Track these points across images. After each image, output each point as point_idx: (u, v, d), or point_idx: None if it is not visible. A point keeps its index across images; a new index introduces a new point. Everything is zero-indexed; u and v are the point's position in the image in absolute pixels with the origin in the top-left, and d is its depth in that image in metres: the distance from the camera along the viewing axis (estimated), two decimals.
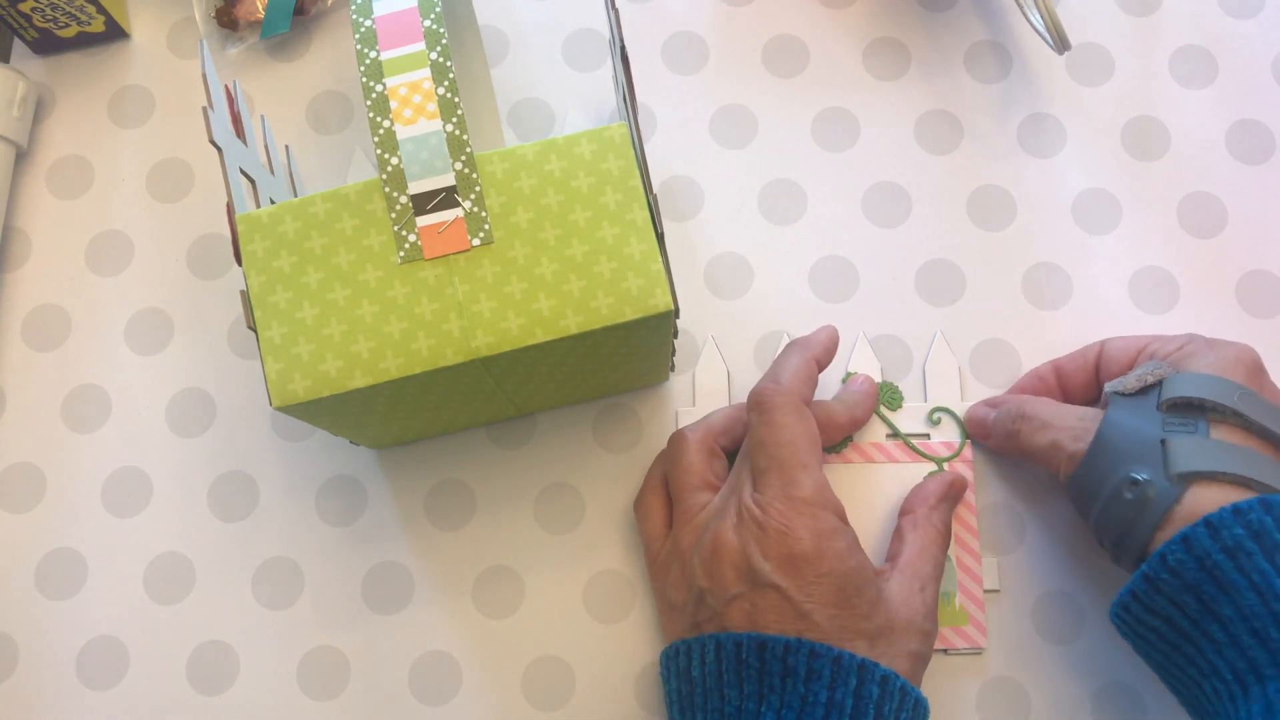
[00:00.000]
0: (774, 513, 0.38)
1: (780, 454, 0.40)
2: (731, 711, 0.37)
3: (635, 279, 0.35)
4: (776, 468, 0.39)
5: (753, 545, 0.38)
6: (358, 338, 0.35)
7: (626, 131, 0.37)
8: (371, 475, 0.47)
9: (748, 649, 0.37)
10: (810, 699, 0.36)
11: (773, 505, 0.39)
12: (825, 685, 0.36)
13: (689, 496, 0.42)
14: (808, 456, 0.40)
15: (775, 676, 0.36)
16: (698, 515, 0.42)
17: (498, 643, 0.45)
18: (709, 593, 0.39)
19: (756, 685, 0.37)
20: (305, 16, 0.52)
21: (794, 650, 0.36)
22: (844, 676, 0.36)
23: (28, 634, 0.46)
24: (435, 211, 0.36)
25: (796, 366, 0.42)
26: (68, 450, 0.48)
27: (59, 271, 0.50)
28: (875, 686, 0.36)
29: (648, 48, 0.53)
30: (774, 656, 0.37)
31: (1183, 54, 0.52)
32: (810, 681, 0.36)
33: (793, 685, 0.36)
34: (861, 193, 0.50)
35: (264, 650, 0.46)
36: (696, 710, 0.39)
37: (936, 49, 0.52)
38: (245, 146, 0.41)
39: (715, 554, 0.39)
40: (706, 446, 0.43)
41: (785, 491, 0.39)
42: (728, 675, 0.38)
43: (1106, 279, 0.49)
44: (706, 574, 0.39)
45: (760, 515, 0.39)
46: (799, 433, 0.40)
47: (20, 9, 0.49)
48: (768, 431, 0.40)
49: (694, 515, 0.42)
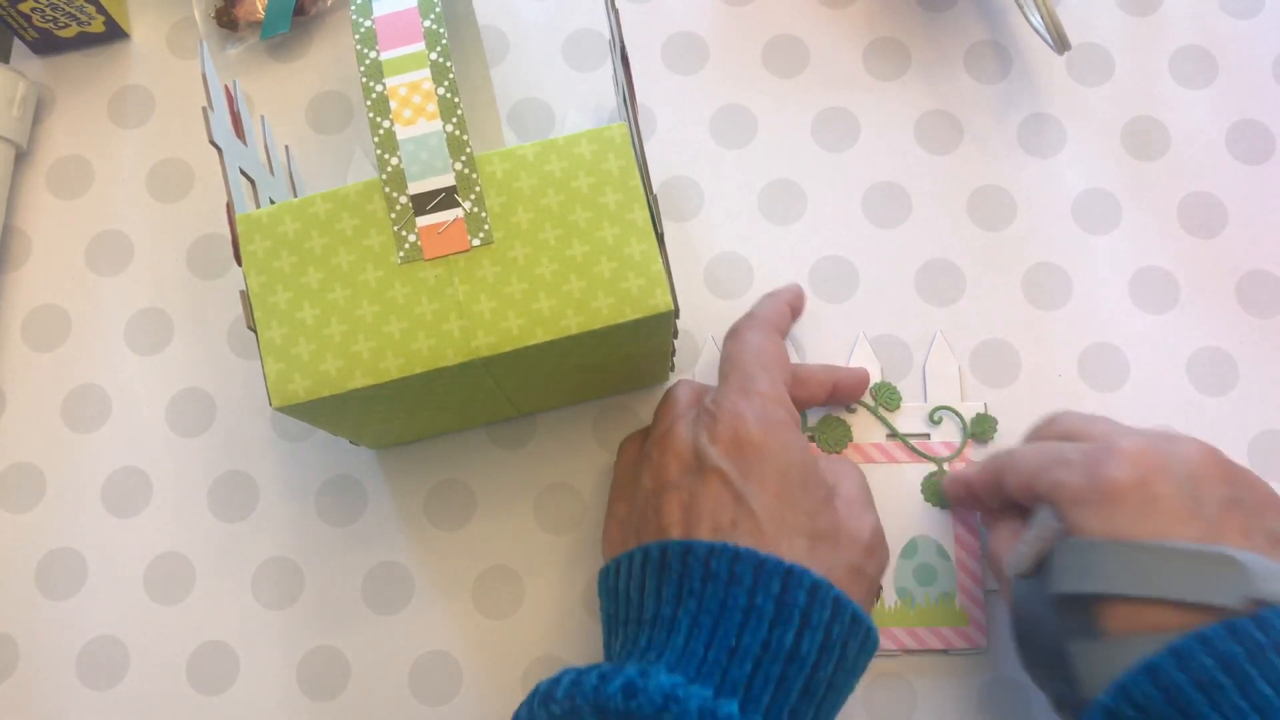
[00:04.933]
0: (728, 404, 0.38)
1: (742, 359, 0.40)
2: (649, 619, 0.36)
3: (635, 279, 0.35)
4: (736, 370, 0.40)
5: (702, 434, 0.38)
6: (358, 338, 0.35)
7: (626, 131, 0.37)
8: (371, 475, 0.47)
9: (672, 553, 0.36)
10: (729, 603, 0.34)
11: (728, 398, 0.39)
12: (745, 590, 0.34)
13: (660, 424, 0.42)
14: (771, 364, 0.40)
15: (696, 580, 0.35)
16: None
17: (498, 643, 0.45)
18: (647, 490, 0.39)
19: (676, 589, 0.35)
20: (305, 16, 0.52)
21: (718, 554, 0.35)
22: (765, 580, 0.34)
23: (28, 634, 0.46)
24: (435, 212, 0.36)
25: (769, 304, 0.44)
26: (68, 450, 0.48)
27: (59, 271, 0.51)
28: (803, 593, 0.34)
29: (648, 48, 0.53)
30: (697, 560, 0.35)
31: (1183, 54, 0.52)
32: (731, 585, 0.34)
33: (713, 589, 0.34)
34: (861, 193, 0.50)
35: (264, 650, 0.46)
36: (619, 625, 0.37)
37: (936, 49, 0.52)
38: (245, 146, 0.41)
39: (663, 447, 0.39)
40: (698, 394, 0.43)
41: (742, 387, 0.39)
42: (649, 582, 0.36)
43: (1106, 279, 0.49)
44: (651, 471, 0.39)
45: (713, 408, 0.39)
46: (764, 345, 0.41)
47: (20, 9, 0.49)
48: (734, 346, 0.41)
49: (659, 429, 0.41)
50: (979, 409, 0.47)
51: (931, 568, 0.45)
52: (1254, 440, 0.47)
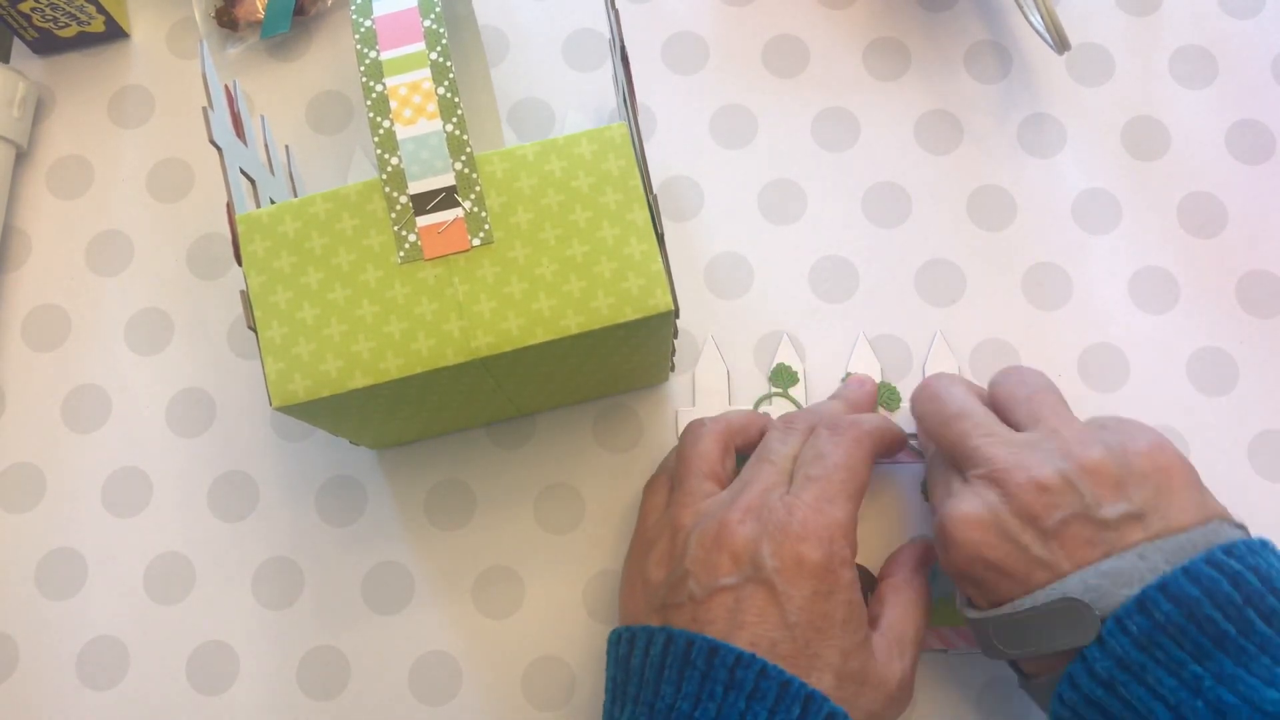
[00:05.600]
0: (800, 516, 0.38)
1: (837, 475, 0.39)
2: (663, 708, 0.36)
3: (635, 279, 0.35)
4: (825, 482, 0.39)
5: (765, 539, 0.37)
6: (358, 338, 0.35)
7: (626, 131, 0.37)
8: (371, 475, 0.47)
9: (699, 650, 0.36)
10: (749, 717, 0.35)
11: (804, 511, 0.38)
12: (767, 707, 0.35)
13: (694, 481, 0.41)
14: (856, 492, 0.39)
15: (719, 685, 0.35)
16: (700, 501, 0.40)
17: (498, 643, 0.45)
18: (693, 576, 0.38)
19: (696, 688, 0.35)
20: (305, 16, 0.52)
21: (745, 664, 0.35)
22: (788, 703, 0.35)
23: (28, 634, 0.46)
24: (435, 211, 0.36)
25: (888, 429, 0.42)
26: (68, 450, 0.48)
27: (59, 271, 0.51)
28: None
29: (648, 48, 0.53)
30: (723, 665, 0.35)
31: (1183, 54, 0.52)
32: (753, 699, 0.35)
33: (734, 699, 0.35)
34: (861, 193, 0.50)
35: (264, 650, 0.46)
36: (628, 701, 0.37)
37: (936, 49, 0.52)
38: (245, 146, 0.41)
39: (718, 539, 0.38)
40: (723, 440, 0.43)
41: (821, 505, 0.38)
42: (669, 671, 0.36)
43: (1106, 279, 0.49)
44: (699, 558, 0.38)
45: (784, 515, 0.38)
46: (861, 468, 0.40)
47: (20, 9, 0.49)
48: (834, 450, 0.40)
49: (696, 499, 0.41)
50: None
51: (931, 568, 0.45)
52: (1254, 440, 0.47)
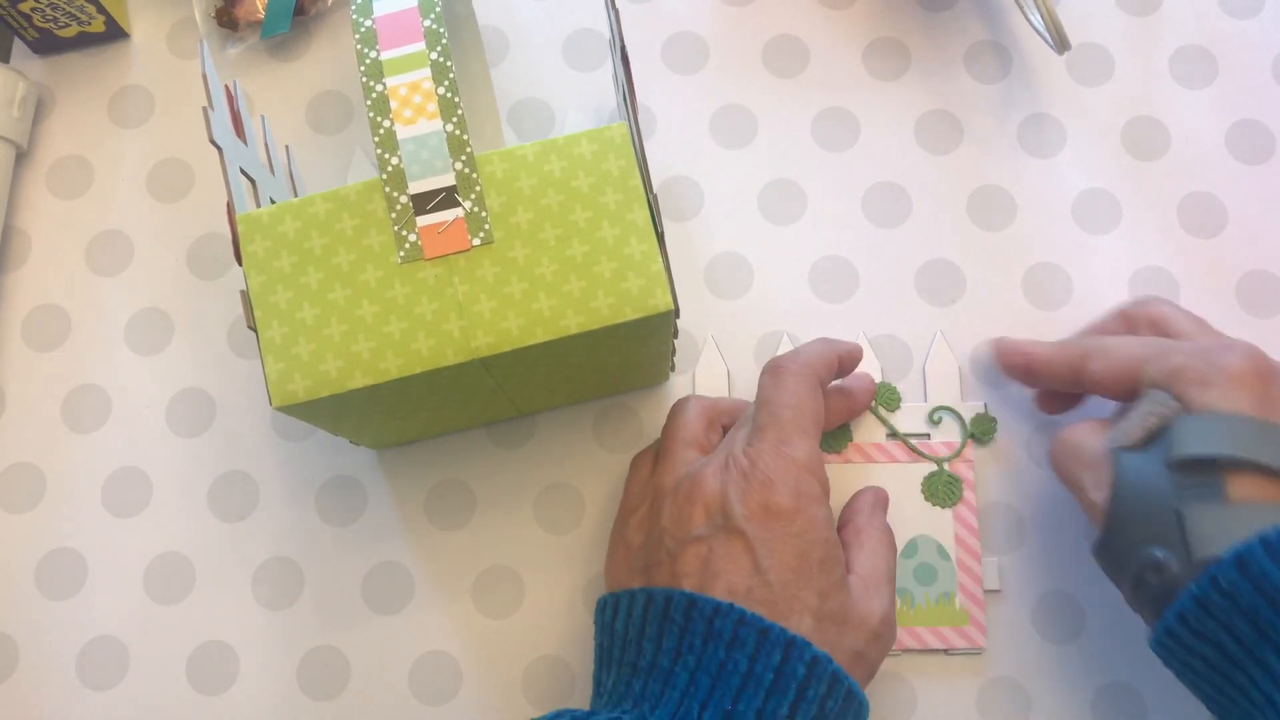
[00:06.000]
0: (762, 464, 0.38)
1: (783, 414, 0.39)
2: (645, 666, 0.36)
3: (635, 279, 0.35)
4: (775, 425, 0.39)
5: (732, 489, 0.38)
6: (358, 338, 0.35)
7: (626, 131, 0.37)
8: (371, 475, 0.47)
9: (676, 605, 0.36)
10: (729, 666, 0.34)
11: (763, 457, 0.38)
12: (747, 655, 0.34)
13: (677, 449, 0.42)
14: (810, 425, 0.40)
15: (698, 637, 0.35)
16: (681, 466, 0.41)
17: (498, 643, 0.45)
18: (669, 533, 0.38)
19: (675, 642, 0.35)
20: (305, 16, 0.52)
21: (723, 614, 0.35)
22: (768, 649, 0.34)
23: (28, 634, 0.46)
24: (435, 211, 0.36)
25: (819, 350, 0.42)
26: (68, 450, 0.48)
27: (59, 271, 0.51)
28: (802, 666, 0.34)
29: (648, 48, 0.53)
30: (701, 616, 0.35)
31: (1183, 54, 0.52)
32: (733, 648, 0.35)
33: (714, 649, 0.35)
34: (861, 193, 0.50)
35: (264, 650, 0.46)
36: (613, 665, 0.38)
37: (936, 49, 0.52)
38: (245, 146, 0.41)
39: (690, 494, 0.39)
40: (708, 414, 0.43)
41: (779, 448, 0.38)
42: (649, 628, 0.36)
43: (1106, 279, 0.49)
44: (674, 514, 0.39)
45: (747, 464, 0.38)
46: (807, 401, 0.40)
47: (20, 9, 0.49)
48: (775, 392, 0.40)
49: (679, 467, 0.41)
50: (979, 409, 0.47)
51: (931, 568, 0.45)
52: None
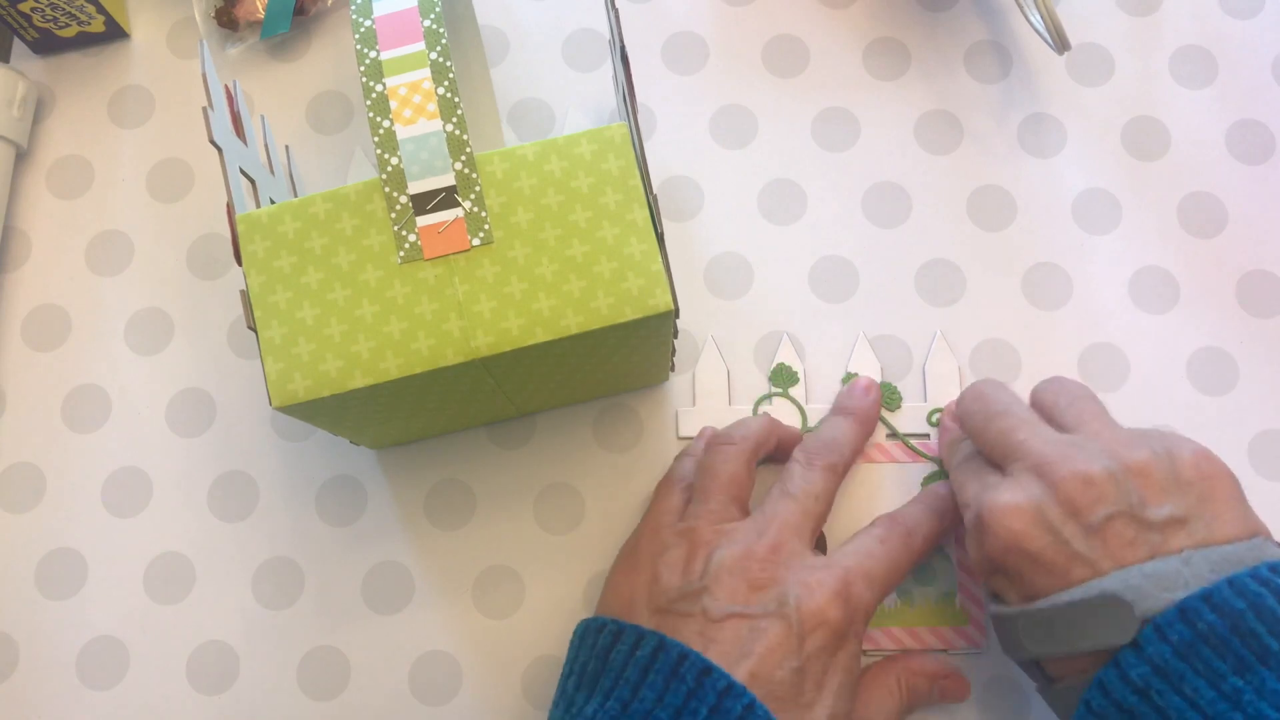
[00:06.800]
0: (833, 578, 0.39)
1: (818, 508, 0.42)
2: (639, 710, 0.35)
3: (635, 279, 0.35)
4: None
5: (791, 583, 0.38)
6: (358, 338, 0.35)
7: (626, 131, 0.37)
8: (371, 475, 0.47)
9: (689, 667, 0.36)
10: None
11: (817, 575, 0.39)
12: None
13: (719, 501, 0.42)
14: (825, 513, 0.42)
15: (704, 706, 0.35)
16: (724, 522, 0.41)
17: (498, 643, 0.45)
18: (710, 593, 0.38)
19: (680, 701, 0.35)
20: (305, 16, 0.52)
21: (735, 695, 0.35)
22: None
23: (28, 634, 0.46)
24: (435, 211, 0.36)
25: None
26: (68, 450, 0.48)
27: (59, 271, 0.51)
28: None
29: (648, 48, 0.53)
30: (712, 688, 0.35)
31: (1183, 54, 0.52)
32: None
33: None
34: (861, 193, 0.50)
35: (264, 650, 0.46)
36: (598, 693, 0.37)
37: (936, 49, 0.52)
38: (245, 146, 0.41)
39: (745, 568, 0.38)
40: (751, 463, 0.43)
41: (829, 563, 0.39)
42: (654, 677, 0.36)
43: (1106, 279, 0.49)
44: (722, 579, 0.38)
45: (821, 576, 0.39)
46: (831, 496, 0.43)
47: (20, 9, 0.49)
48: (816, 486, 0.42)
49: (719, 519, 0.41)
50: None
51: (931, 567, 0.45)
52: (1254, 440, 0.47)
